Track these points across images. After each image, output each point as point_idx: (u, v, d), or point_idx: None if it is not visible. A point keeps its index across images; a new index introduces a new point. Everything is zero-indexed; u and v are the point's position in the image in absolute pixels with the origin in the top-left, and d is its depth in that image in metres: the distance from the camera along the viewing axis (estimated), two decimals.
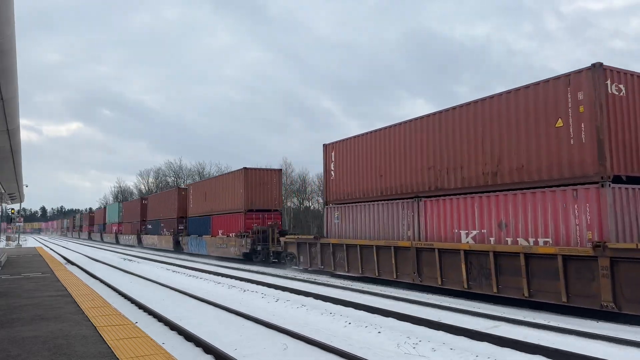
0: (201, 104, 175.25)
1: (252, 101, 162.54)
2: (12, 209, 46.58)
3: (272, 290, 15.98)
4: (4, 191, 27.58)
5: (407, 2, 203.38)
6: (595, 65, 11.18)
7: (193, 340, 8.92)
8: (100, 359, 5.70)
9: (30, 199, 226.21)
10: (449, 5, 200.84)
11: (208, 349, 8.23)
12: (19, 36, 7.59)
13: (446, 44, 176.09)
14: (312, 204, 63.37)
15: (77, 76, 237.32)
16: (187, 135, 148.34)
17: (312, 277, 19.86)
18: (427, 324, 10.20)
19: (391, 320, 10.79)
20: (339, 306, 12.71)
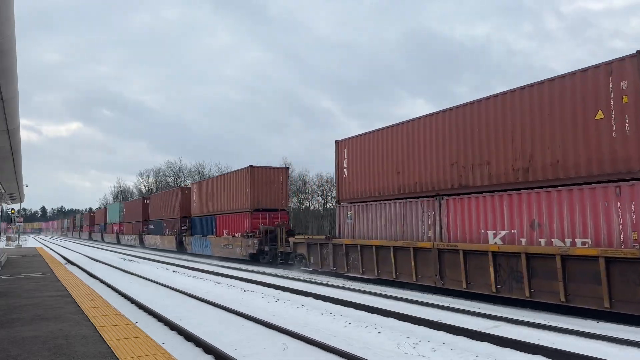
0: (201, 104, 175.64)
1: (252, 101, 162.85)
2: (12, 209, 46.59)
3: (272, 290, 15.99)
4: (4, 191, 27.58)
5: (407, 2, 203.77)
6: None
7: (193, 340, 8.93)
8: (100, 359, 5.71)
9: (30, 199, 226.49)
10: (449, 5, 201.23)
11: (208, 349, 8.24)
12: (19, 36, 7.59)
13: (446, 44, 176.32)
14: (312, 204, 63.39)
15: (77, 76, 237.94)
16: (187, 135, 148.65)
17: (313, 277, 19.86)
18: (427, 324, 10.20)
19: (391, 320, 10.80)
20: (339, 306, 12.72)
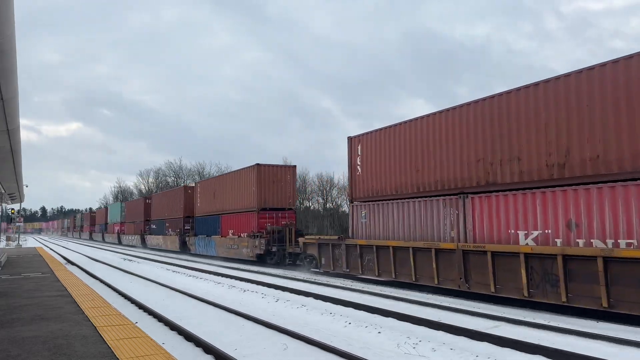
0: (201, 104, 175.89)
1: (252, 101, 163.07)
2: (12, 209, 46.58)
3: (272, 291, 15.99)
4: (4, 191, 27.58)
5: (407, 2, 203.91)
6: None
7: (193, 340, 8.93)
8: (100, 359, 5.71)
9: (30, 199, 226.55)
10: (448, 5, 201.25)
11: (208, 349, 8.24)
12: (18, 36, 7.59)
13: (446, 43, 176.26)
14: (312, 204, 63.36)
15: (77, 76, 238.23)
16: (187, 135, 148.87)
17: (313, 277, 19.86)
18: (427, 324, 10.20)
19: (391, 320, 10.80)
20: (339, 306, 12.72)
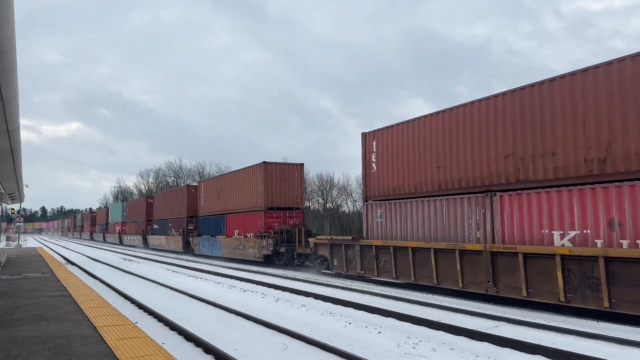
0: (201, 104, 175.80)
1: (252, 101, 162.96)
2: (12, 209, 46.62)
3: (272, 291, 15.99)
4: (4, 191, 27.60)
5: (407, 2, 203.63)
6: None
7: (193, 340, 8.93)
8: (100, 359, 5.71)
9: (30, 199, 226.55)
10: (448, 4, 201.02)
11: (208, 349, 8.24)
12: (18, 36, 7.59)
13: (446, 43, 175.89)
14: (312, 204, 63.32)
15: (77, 76, 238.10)
16: (186, 135, 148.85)
17: (312, 277, 19.86)
18: (427, 324, 10.20)
19: (391, 320, 10.80)
20: (339, 306, 12.72)
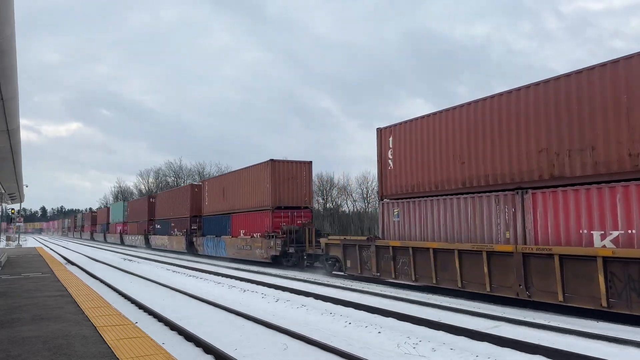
0: (201, 104, 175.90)
1: (252, 101, 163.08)
2: (12, 209, 46.63)
3: (272, 291, 15.99)
4: (4, 191, 27.60)
5: (406, 2, 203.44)
6: None
7: (193, 340, 8.93)
8: (100, 359, 5.71)
9: (30, 199, 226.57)
10: (448, 4, 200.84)
11: (208, 349, 8.24)
12: (18, 36, 7.59)
13: (446, 43, 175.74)
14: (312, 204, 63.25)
15: (77, 76, 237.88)
16: (186, 135, 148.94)
17: (312, 277, 19.86)
18: (427, 324, 10.20)
19: (391, 320, 10.80)
20: (339, 306, 12.72)
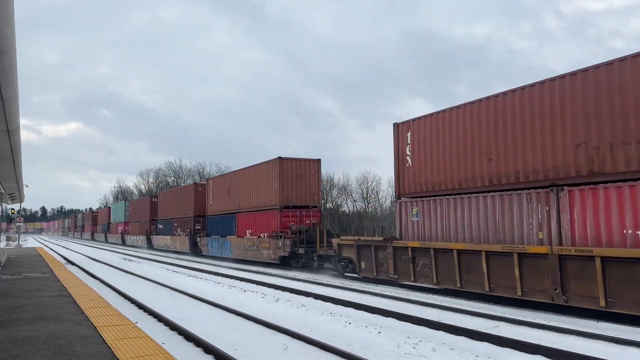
0: (201, 104, 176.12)
1: (252, 101, 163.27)
2: (12, 209, 46.62)
3: (272, 291, 15.99)
4: (4, 191, 27.59)
5: (407, 2, 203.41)
6: None
7: (193, 340, 8.94)
8: (100, 359, 5.71)
9: (30, 199, 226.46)
10: (448, 4, 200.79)
11: (208, 349, 8.24)
12: (18, 36, 7.59)
13: (446, 43, 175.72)
14: None
15: (77, 76, 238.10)
16: (186, 135, 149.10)
17: (312, 277, 19.87)
18: (427, 324, 10.21)
19: (391, 321, 10.80)
20: (339, 306, 12.72)
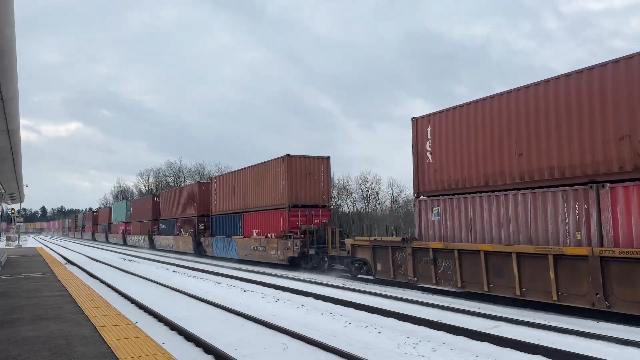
0: (201, 104, 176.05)
1: (252, 101, 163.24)
2: (12, 209, 46.62)
3: (272, 291, 16.00)
4: (4, 191, 27.59)
5: (407, 2, 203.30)
6: None
7: (193, 341, 8.94)
8: (100, 359, 5.71)
9: (30, 199, 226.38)
10: (448, 4, 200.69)
11: (208, 349, 8.24)
12: (18, 36, 7.60)
13: (446, 43, 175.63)
14: None
15: (77, 76, 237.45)
16: (186, 135, 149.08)
17: (313, 277, 19.84)
18: (427, 324, 10.21)
19: (391, 321, 10.80)
20: (339, 306, 12.72)
